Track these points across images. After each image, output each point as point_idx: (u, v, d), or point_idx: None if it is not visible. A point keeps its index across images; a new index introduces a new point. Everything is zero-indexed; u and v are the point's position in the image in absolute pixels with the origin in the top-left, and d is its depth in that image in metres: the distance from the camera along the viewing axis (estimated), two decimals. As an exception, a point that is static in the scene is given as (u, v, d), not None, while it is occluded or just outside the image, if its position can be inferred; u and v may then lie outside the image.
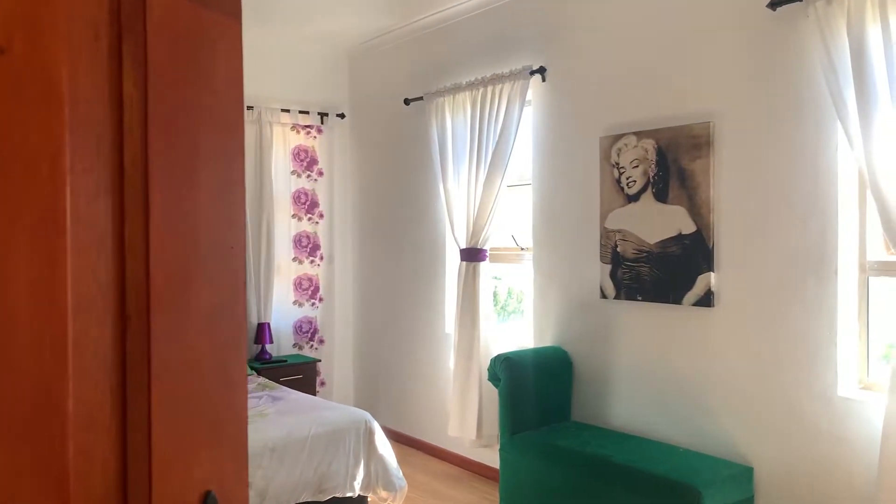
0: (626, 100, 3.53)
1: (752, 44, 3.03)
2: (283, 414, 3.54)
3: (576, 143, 3.78)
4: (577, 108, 3.77)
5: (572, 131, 3.80)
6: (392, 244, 5.18)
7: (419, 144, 4.86)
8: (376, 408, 5.31)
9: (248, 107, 4.97)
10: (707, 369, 3.21)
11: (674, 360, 3.34)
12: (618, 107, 3.57)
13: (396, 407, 5.13)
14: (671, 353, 3.35)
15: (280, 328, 5.20)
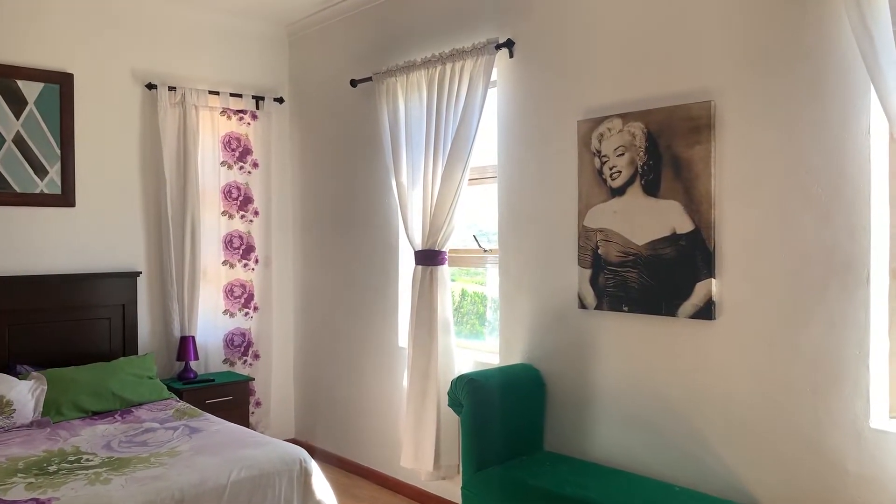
0: (609, 76, 3.02)
1: (763, 5, 2.55)
2: (200, 452, 2.91)
3: (549, 128, 3.25)
4: (551, 87, 3.25)
5: (545, 115, 3.27)
6: (338, 246, 4.58)
7: (368, 132, 4.27)
8: (319, 431, 4.71)
9: (169, 87, 4.30)
10: (707, 393, 2.72)
11: (667, 381, 2.84)
12: (599, 85, 3.06)
13: (342, 430, 4.53)
14: (663, 374, 2.85)
15: (207, 342, 4.54)
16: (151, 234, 4.35)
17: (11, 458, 2.88)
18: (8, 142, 3.82)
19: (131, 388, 3.77)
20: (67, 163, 4.01)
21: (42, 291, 3.89)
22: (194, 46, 4.51)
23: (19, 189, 3.87)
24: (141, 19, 4.29)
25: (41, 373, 3.63)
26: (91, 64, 4.10)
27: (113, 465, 2.77)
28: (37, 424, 3.37)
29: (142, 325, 4.30)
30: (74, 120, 4.03)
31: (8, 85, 3.81)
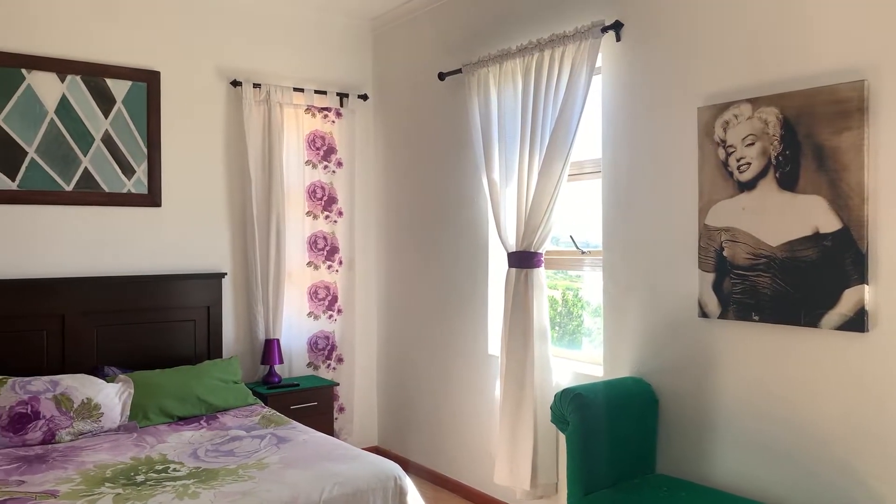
0: (735, 57, 2.69)
1: (933, -31, 2.19)
2: (289, 465, 2.75)
3: (664, 117, 2.95)
4: (666, 72, 2.94)
5: (659, 102, 2.97)
6: (424, 247, 4.38)
7: (456, 127, 4.05)
8: (403, 440, 4.52)
9: (254, 84, 4.21)
10: (857, 417, 2.36)
11: (806, 401, 2.49)
12: (723, 67, 2.73)
13: (428, 440, 4.32)
14: (802, 393, 2.50)
15: (292, 345, 4.42)
16: (236, 234, 4.26)
17: (99, 465, 2.80)
18: (97, 141, 3.79)
19: (216, 392, 3.67)
20: (154, 162, 3.96)
21: (128, 292, 3.85)
22: (279, 42, 4.40)
23: (107, 189, 3.83)
24: (226, 15, 4.21)
25: (128, 375, 3.57)
26: (177, 61, 4.04)
27: (200, 477, 2.64)
28: (124, 429, 3.31)
29: (226, 327, 4.22)
30: (161, 118, 3.98)
31: (97, 84, 3.78)
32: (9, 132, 3.55)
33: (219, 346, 4.14)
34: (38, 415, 3.12)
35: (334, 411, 4.32)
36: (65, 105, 3.69)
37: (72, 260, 3.73)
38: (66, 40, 3.71)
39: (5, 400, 3.10)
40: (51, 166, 3.66)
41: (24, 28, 3.59)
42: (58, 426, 3.14)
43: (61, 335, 3.64)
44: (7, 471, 2.74)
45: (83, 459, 2.88)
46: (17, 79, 3.57)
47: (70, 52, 3.71)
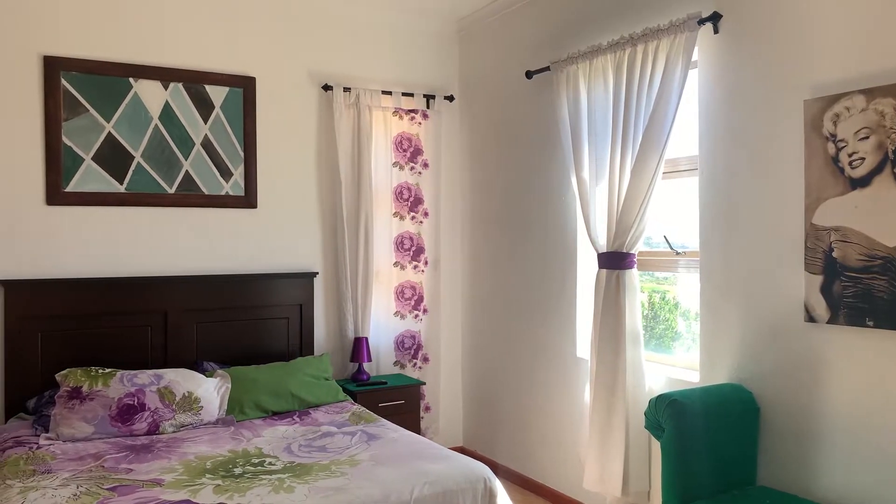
0: (846, 45, 2.53)
1: None
2: (380, 463, 2.78)
3: (766, 111, 2.80)
4: (768, 63, 2.79)
5: (760, 96, 2.83)
6: (509, 247, 4.35)
7: (544, 126, 4.00)
8: (489, 441, 4.50)
9: (344, 88, 4.29)
10: None
11: (929, 415, 2.31)
12: (833, 56, 2.57)
13: (514, 442, 4.29)
14: (924, 405, 2.32)
15: (379, 344, 4.48)
16: (327, 234, 4.36)
17: (200, 457, 2.91)
18: (197, 145, 3.96)
19: (308, 388, 3.76)
20: (250, 165, 4.10)
21: (226, 291, 4.00)
22: (367, 47, 4.47)
23: (207, 191, 4.00)
24: (317, 22, 4.32)
25: (225, 370, 3.71)
26: (271, 67, 4.17)
27: (295, 472, 2.70)
28: (222, 422, 3.43)
29: (317, 325, 4.32)
30: (256, 123, 4.12)
31: (197, 90, 3.95)
32: (118, 138, 3.76)
33: (310, 344, 4.25)
34: (144, 406, 3.28)
35: (420, 410, 4.35)
36: (168, 111, 3.88)
37: (174, 259, 3.91)
38: (169, 49, 3.89)
39: (114, 392, 3.28)
40: (155, 170, 3.85)
41: (132, 39, 3.79)
42: (161, 418, 3.29)
43: (164, 331, 3.83)
44: (117, 459, 2.89)
45: (185, 450, 3.01)
46: (125, 88, 3.77)
47: (172, 61, 3.89)
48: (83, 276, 3.67)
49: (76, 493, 2.46)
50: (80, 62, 3.65)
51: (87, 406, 3.20)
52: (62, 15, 3.63)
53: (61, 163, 3.62)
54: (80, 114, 3.67)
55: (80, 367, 3.43)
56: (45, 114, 3.59)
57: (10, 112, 3.53)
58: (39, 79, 3.58)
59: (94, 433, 3.15)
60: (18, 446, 3.00)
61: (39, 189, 3.59)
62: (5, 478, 2.65)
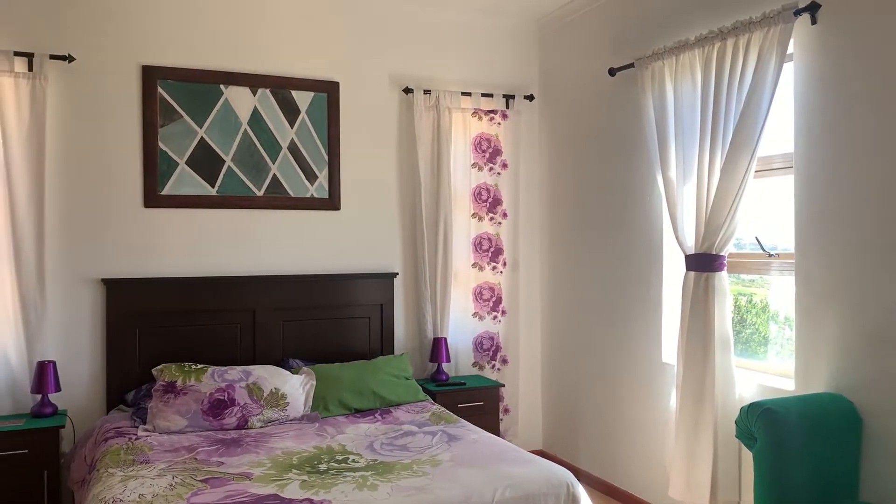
0: (963, 34, 2.35)
1: None
2: (461, 464, 2.78)
3: (872, 105, 2.64)
4: (874, 55, 2.63)
5: (864, 89, 2.66)
6: (591, 248, 4.27)
7: (627, 124, 3.91)
8: (572, 447, 4.44)
9: (424, 90, 4.32)
10: None
11: None
12: (948, 46, 2.40)
13: (598, 448, 4.21)
14: None
15: (458, 344, 4.49)
16: (407, 235, 4.41)
17: (286, 452, 2.99)
18: (283, 149, 4.08)
19: (389, 387, 3.81)
20: (334, 168, 4.19)
21: (311, 290, 4.10)
22: (447, 48, 4.50)
23: (293, 193, 4.11)
24: (398, 26, 4.37)
25: (310, 368, 3.80)
26: (354, 71, 4.25)
27: (378, 470, 2.74)
28: (307, 419, 3.52)
29: (397, 325, 4.37)
30: (340, 126, 4.21)
31: (284, 96, 4.07)
32: (210, 143, 3.91)
33: (391, 343, 4.30)
34: (234, 402, 3.40)
35: (500, 412, 4.33)
36: (256, 117, 4.01)
37: (262, 260, 4.04)
38: (258, 57, 4.02)
39: (206, 387, 3.41)
40: (244, 173, 3.99)
41: (222, 48, 3.94)
42: (250, 413, 3.41)
43: (252, 329, 3.96)
44: (209, 451, 3.01)
45: (272, 445, 3.10)
46: (216, 94, 3.93)
47: (261, 68, 4.02)
48: (177, 276, 3.84)
49: (172, 484, 2.57)
50: (174, 70, 3.83)
51: (181, 400, 3.34)
52: (159, 26, 3.82)
53: (157, 167, 3.80)
54: (174, 120, 3.84)
55: (175, 362, 3.60)
56: (143, 120, 3.78)
57: (113, 120, 3.73)
58: (138, 87, 3.77)
59: (188, 426, 3.29)
60: (119, 437, 3.16)
61: (138, 192, 3.78)
62: (107, 466, 2.80)
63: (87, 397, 3.68)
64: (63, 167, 3.64)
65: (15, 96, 3.45)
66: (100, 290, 3.70)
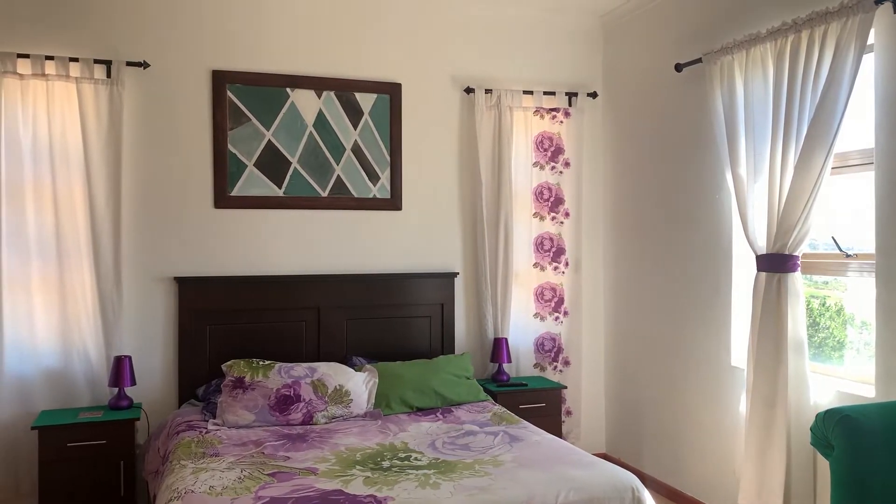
0: None
1: None
2: (523, 465, 2.77)
3: (959, 96, 2.50)
4: (963, 43, 2.49)
5: (952, 80, 2.52)
6: (655, 249, 4.18)
7: (694, 121, 3.81)
8: (636, 451, 4.36)
9: (486, 90, 4.32)
10: None
11: None
12: None
13: (664, 453, 4.12)
14: None
15: (519, 345, 4.47)
16: (467, 235, 4.41)
17: (350, 448, 3.04)
18: (347, 151, 4.14)
19: (451, 387, 3.82)
20: (396, 169, 4.23)
21: (373, 289, 4.15)
22: (509, 47, 4.48)
23: (356, 194, 4.17)
24: (460, 26, 4.38)
25: (373, 365, 3.85)
26: (416, 72, 4.28)
27: (440, 468, 2.75)
28: (370, 416, 3.56)
29: (458, 324, 4.38)
30: (402, 127, 4.24)
31: (348, 98, 4.13)
32: (277, 145, 4.01)
33: (451, 342, 4.32)
34: (299, 398, 3.47)
35: (562, 414, 4.28)
36: (321, 119, 4.08)
37: (326, 259, 4.11)
38: (322, 60, 4.10)
39: (273, 383, 3.49)
40: (310, 175, 4.07)
41: (288, 51, 4.03)
42: (315, 409, 3.47)
43: (317, 326, 4.03)
44: (275, 446, 3.08)
45: (336, 441, 3.15)
46: (283, 97, 4.02)
47: (325, 70, 4.09)
48: (246, 274, 3.95)
49: (240, 477, 2.65)
50: (243, 75, 3.94)
51: (249, 395, 3.43)
52: (229, 32, 3.93)
53: (227, 169, 3.92)
54: (243, 123, 3.95)
55: (243, 358, 3.70)
56: (213, 124, 3.90)
57: (185, 123, 3.86)
58: (209, 91, 3.90)
59: (255, 421, 3.38)
60: (190, 430, 3.27)
61: (208, 193, 3.91)
62: (179, 458, 2.90)
63: (160, 391, 3.82)
64: (138, 170, 3.79)
65: (95, 102, 3.61)
66: (172, 287, 3.84)
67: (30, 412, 3.54)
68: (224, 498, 2.43)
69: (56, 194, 3.60)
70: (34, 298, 3.58)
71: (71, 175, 3.62)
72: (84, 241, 3.64)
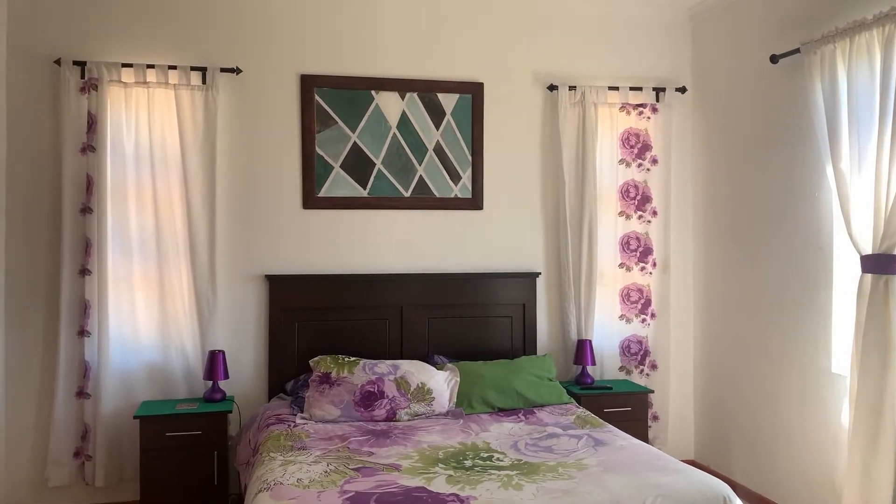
0: None
1: None
2: (609, 470, 2.70)
3: None
4: None
5: None
6: (749, 248, 4.00)
7: (792, 114, 3.62)
8: (727, 459, 4.19)
9: (569, 87, 4.26)
10: None
11: None
12: None
13: (757, 463, 3.94)
14: None
15: (603, 347, 4.38)
16: (549, 235, 4.36)
17: (433, 446, 3.05)
18: (429, 151, 4.17)
19: (533, 388, 3.78)
20: (477, 168, 4.23)
21: (454, 288, 4.17)
22: (594, 43, 4.40)
23: (438, 194, 4.19)
24: (543, 23, 4.33)
25: (454, 364, 3.86)
26: (498, 71, 4.27)
27: (522, 470, 2.72)
28: (452, 414, 3.57)
29: (540, 325, 4.33)
30: (483, 127, 4.24)
31: (430, 99, 4.17)
32: (362, 147, 4.08)
33: (533, 343, 4.27)
34: (383, 394, 3.52)
35: (648, 419, 4.17)
36: (404, 120, 4.13)
37: (409, 258, 4.16)
38: (405, 62, 4.14)
39: (358, 379, 3.56)
40: (393, 175, 4.13)
41: (373, 55, 4.10)
42: (398, 406, 3.51)
43: (400, 325, 4.08)
44: (360, 441, 3.13)
45: (418, 439, 3.17)
46: (368, 100, 4.09)
47: (408, 72, 4.14)
48: (332, 272, 4.04)
49: (326, 471, 2.71)
50: (330, 78, 4.03)
51: (335, 391, 3.51)
52: (316, 37, 4.04)
53: (315, 171, 4.02)
54: (329, 126, 4.04)
55: (329, 354, 3.79)
56: (302, 127, 4.01)
57: (276, 127, 4.00)
58: (297, 95, 4.01)
59: (340, 416, 3.45)
60: (279, 423, 3.37)
61: (297, 194, 4.02)
62: (269, 450, 2.99)
63: (251, 385, 3.97)
64: (231, 172, 3.95)
65: (191, 107, 3.79)
66: (263, 285, 3.98)
67: (132, 403, 3.74)
68: (311, 491, 2.49)
69: (156, 196, 3.79)
70: (136, 296, 3.79)
71: (170, 178, 3.81)
72: (181, 241, 3.83)
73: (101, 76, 3.65)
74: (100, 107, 3.65)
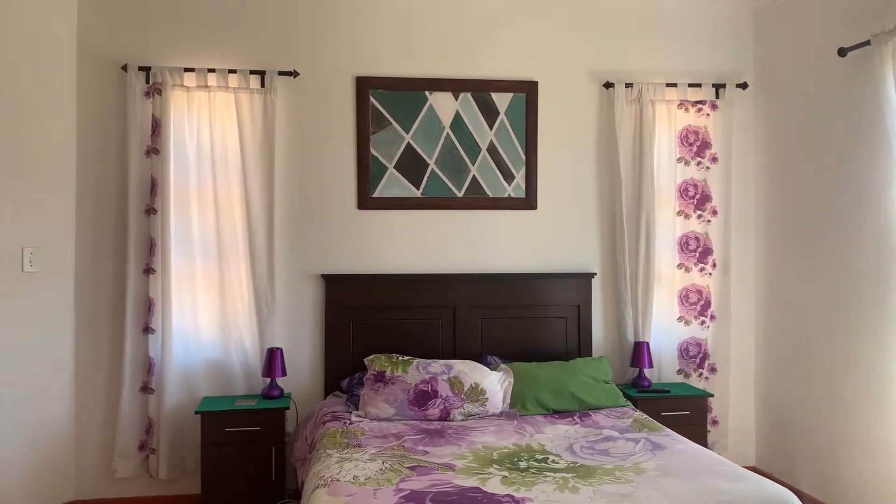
0: None
1: None
2: (667, 474, 2.64)
3: None
4: None
5: None
6: (815, 249, 3.86)
7: (861, 109, 3.48)
8: (791, 467, 4.05)
9: (626, 84, 4.19)
10: None
11: None
12: None
13: (824, 471, 3.79)
14: None
15: (661, 350, 4.29)
16: (605, 235, 4.30)
17: (487, 447, 3.04)
18: (483, 151, 4.16)
19: (588, 390, 3.73)
20: (531, 168, 4.20)
21: (508, 288, 4.15)
22: (650, 39, 4.31)
23: (491, 194, 4.18)
24: (598, 18, 4.27)
25: (508, 365, 3.83)
26: (553, 69, 4.23)
27: (578, 472, 2.69)
28: (505, 415, 3.55)
29: (595, 326, 4.27)
30: (538, 126, 4.20)
31: (484, 98, 4.16)
32: (415, 147, 4.10)
33: (588, 345, 4.22)
34: (437, 394, 3.52)
35: (707, 424, 4.06)
36: (458, 120, 4.14)
37: (462, 258, 4.16)
38: (459, 62, 4.15)
39: (412, 378, 3.57)
40: (446, 175, 4.14)
41: (427, 55, 4.12)
42: (452, 406, 3.51)
43: (453, 324, 4.09)
44: (414, 440, 3.15)
45: (472, 439, 3.16)
46: (421, 101, 4.11)
47: (462, 72, 4.14)
48: (386, 272, 4.08)
49: (382, 469, 2.72)
50: (384, 80, 4.07)
51: (389, 389, 3.53)
52: (371, 39, 4.08)
53: (369, 171, 4.06)
54: (384, 127, 4.08)
55: (384, 353, 3.81)
56: (357, 128, 4.06)
57: (331, 128, 4.05)
58: (352, 97, 4.06)
59: (395, 415, 3.47)
60: (335, 420, 3.41)
61: (352, 195, 4.07)
62: (325, 447, 3.03)
63: (307, 382, 4.03)
64: (288, 173, 4.02)
65: (250, 110, 3.88)
66: (320, 284, 4.04)
67: (193, 398, 3.85)
68: (367, 488, 2.51)
69: (217, 197, 3.89)
70: (197, 294, 3.90)
71: (230, 179, 3.91)
72: (241, 240, 3.92)
73: (165, 81, 3.77)
74: (163, 110, 3.77)
